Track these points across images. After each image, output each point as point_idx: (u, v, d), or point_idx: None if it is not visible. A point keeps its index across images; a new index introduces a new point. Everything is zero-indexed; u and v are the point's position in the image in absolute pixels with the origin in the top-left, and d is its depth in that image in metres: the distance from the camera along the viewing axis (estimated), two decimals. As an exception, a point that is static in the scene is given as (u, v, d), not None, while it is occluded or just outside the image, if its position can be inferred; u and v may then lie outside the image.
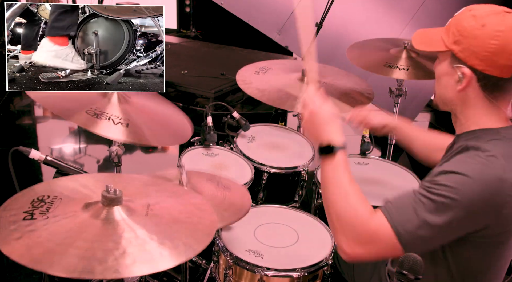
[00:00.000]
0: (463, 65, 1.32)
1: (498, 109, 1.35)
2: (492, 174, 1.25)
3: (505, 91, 1.33)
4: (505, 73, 1.28)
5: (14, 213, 1.27)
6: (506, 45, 1.26)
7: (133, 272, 1.12)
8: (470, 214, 1.25)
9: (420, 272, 1.13)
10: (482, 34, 1.27)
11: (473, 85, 1.33)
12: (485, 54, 1.27)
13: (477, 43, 1.28)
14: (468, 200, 1.24)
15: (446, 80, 1.38)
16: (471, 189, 1.24)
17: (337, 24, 3.87)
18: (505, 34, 1.26)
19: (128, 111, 1.82)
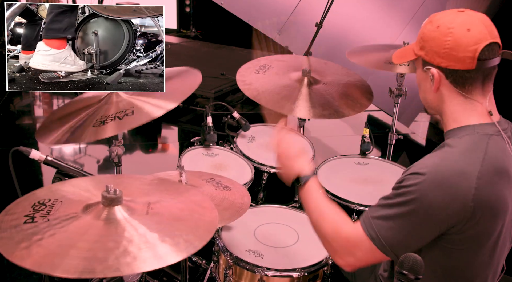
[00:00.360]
0: (431, 66, 1.42)
1: (475, 103, 1.41)
2: (448, 168, 1.31)
3: (476, 83, 1.39)
4: (468, 65, 1.36)
5: (15, 217, 1.27)
6: (459, 39, 1.35)
7: (134, 270, 1.12)
8: (431, 211, 1.30)
9: (420, 272, 1.13)
10: (438, 34, 1.38)
11: (444, 83, 1.41)
12: (444, 51, 1.37)
13: (435, 43, 1.39)
14: (424, 197, 1.30)
15: (424, 84, 1.48)
16: (426, 186, 1.30)
17: (337, 24, 3.87)
18: (456, 29, 1.35)
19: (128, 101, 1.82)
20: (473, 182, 1.30)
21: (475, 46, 1.34)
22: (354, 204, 2.10)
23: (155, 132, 4.38)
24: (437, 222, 1.32)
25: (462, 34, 1.35)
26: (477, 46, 1.34)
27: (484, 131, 1.38)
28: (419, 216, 1.31)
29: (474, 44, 1.34)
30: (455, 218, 1.31)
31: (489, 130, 1.39)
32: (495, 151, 1.36)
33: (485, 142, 1.36)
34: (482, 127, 1.39)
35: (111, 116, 1.75)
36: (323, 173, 2.35)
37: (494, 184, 1.32)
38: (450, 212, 1.30)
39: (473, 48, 1.34)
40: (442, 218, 1.31)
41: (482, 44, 1.34)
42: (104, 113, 1.77)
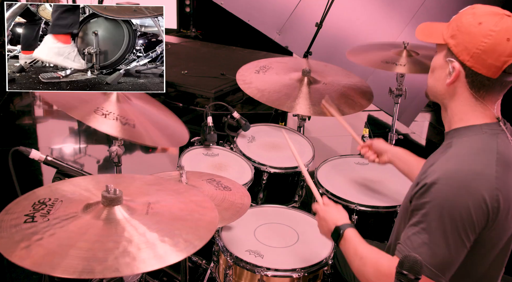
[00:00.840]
0: (454, 59, 1.37)
1: (485, 107, 1.39)
2: (463, 170, 1.31)
3: (492, 92, 1.37)
4: (491, 73, 1.32)
5: (15, 217, 1.27)
6: (496, 45, 1.30)
7: (133, 270, 1.12)
8: (462, 217, 1.28)
9: (420, 272, 1.13)
10: (477, 31, 1.32)
11: (461, 81, 1.38)
12: (476, 51, 1.32)
13: (470, 39, 1.32)
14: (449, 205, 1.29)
15: (439, 73, 1.43)
16: (446, 193, 1.29)
17: (337, 24, 3.87)
18: (498, 34, 1.30)
19: (126, 110, 1.83)
20: (494, 182, 1.29)
21: (507, 58, 1.30)
22: (354, 204, 2.10)
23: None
24: (470, 227, 1.29)
25: (501, 42, 1.30)
26: (509, 59, 1.30)
27: (491, 131, 1.38)
28: (452, 225, 1.28)
29: (507, 56, 1.30)
30: (484, 220, 1.30)
31: (495, 129, 1.39)
32: (505, 148, 1.36)
33: (495, 141, 1.36)
34: (488, 126, 1.39)
35: (114, 115, 1.76)
36: (323, 173, 2.35)
37: (509, 181, 1.33)
38: (478, 215, 1.29)
39: (504, 59, 1.30)
40: (472, 221, 1.29)
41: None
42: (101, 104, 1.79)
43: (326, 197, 1.78)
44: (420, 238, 1.32)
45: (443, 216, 1.29)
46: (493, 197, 1.29)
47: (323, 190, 2.22)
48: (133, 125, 1.78)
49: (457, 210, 1.28)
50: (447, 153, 1.39)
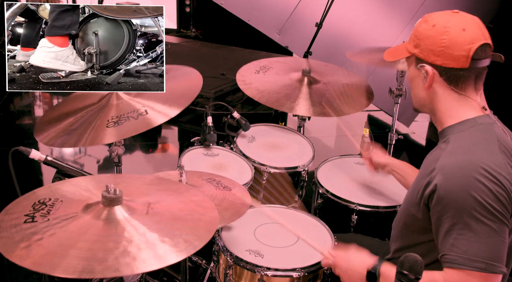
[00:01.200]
0: (425, 64, 1.45)
1: (468, 99, 1.45)
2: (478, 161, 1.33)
3: (469, 82, 1.43)
4: (462, 63, 1.39)
5: (15, 217, 1.27)
6: (455, 38, 1.38)
7: (133, 270, 1.12)
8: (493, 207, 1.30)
9: (421, 272, 1.13)
10: (434, 32, 1.42)
11: (438, 81, 1.45)
12: (440, 49, 1.40)
13: (431, 41, 1.42)
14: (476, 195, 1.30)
15: (416, 82, 1.51)
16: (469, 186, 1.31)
17: (337, 24, 3.87)
18: (452, 29, 1.39)
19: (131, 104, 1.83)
20: (505, 168, 1.33)
21: (470, 45, 1.37)
22: (354, 204, 2.10)
23: (155, 132, 4.38)
24: (501, 204, 1.31)
25: (458, 34, 1.39)
26: (472, 46, 1.37)
27: (485, 121, 1.43)
28: (487, 211, 1.30)
29: (469, 44, 1.38)
30: (508, 202, 1.32)
31: (488, 120, 1.44)
32: (501, 136, 1.41)
33: (493, 131, 1.41)
34: (482, 118, 1.44)
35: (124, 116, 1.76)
36: (323, 173, 2.35)
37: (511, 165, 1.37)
38: (501, 193, 1.31)
39: (467, 47, 1.38)
40: (500, 199, 1.31)
41: (477, 44, 1.38)
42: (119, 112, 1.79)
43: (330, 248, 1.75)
44: (464, 239, 1.32)
45: (471, 206, 1.30)
46: (509, 180, 1.33)
47: (323, 190, 2.22)
48: (145, 112, 1.77)
49: (479, 195, 1.30)
50: (448, 149, 1.41)
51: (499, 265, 1.32)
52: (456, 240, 1.33)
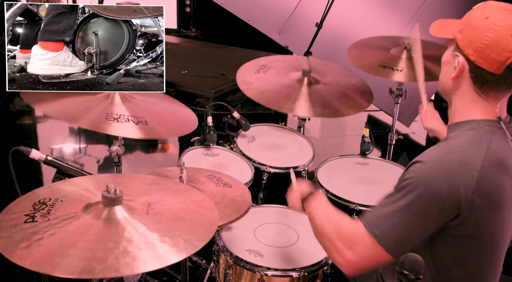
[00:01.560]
0: (460, 54, 1.37)
1: (486, 103, 1.38)
2: (450, 158, 1.30)
3: (495, 89, 1.36)
4: (494, 68, 1.32)
5: (16, 217, 1.27)
6: (500, 40, 1.29)
7: (133, 270, 1.12)
8: (432, 199, 1.28)
9: (421, 272, 1.13)
10: (483, 25, 1.32)
11: (466, 76, 1.37)
12: (480, 45, 1.31)
13: (475, 33, 1.33)
14: (424, 184, 1.28)
15: (447, 68, 1.44)
16: (426, 173, 1.30)
17: (337, 24, 3.87)
18: (502, 29, 1.29)
19: (133, 109, 1.85)
20: (475, 175, 1.29)
21: (510, 53, 1.29)
22: (354, 204, 2.10)
23: (155, 132, 4.37)
24: (438, 211, 1.29)
25: (504, 37, 1.29)
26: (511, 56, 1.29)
27: (488, 127, 1.37)
28: (421, 204, 1.29)
29: (511, 52, 1.29)
30: (454, 209, 1.29)
31: (493, 126, 1.38)
32: (498, 146, 1.35)
33: (489, 137, 1.35)
34: (487, 123, 1.38)
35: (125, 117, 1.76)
36: (323, 173, 2.35)
37: (495, 178, 1.32)
38: (449, 202, 1.28)
39: (507, 55, 1.29)
40: (442, 207, 1.29)
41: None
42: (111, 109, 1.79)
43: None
44: (388, 209, 1.33)
45: (416, 195, 1.29)
46: (470, 189, 1.28)
47: (323, 190, 2.22)
48: (145, 122, 1.78)
49: (430, 193, 1.28)
50: (441, 142, 1.40)
51: (395, 251, 1.31)
52: (384, 206, 1.36)
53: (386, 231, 1.31)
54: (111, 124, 1.72)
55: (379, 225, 1.33)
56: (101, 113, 1.75)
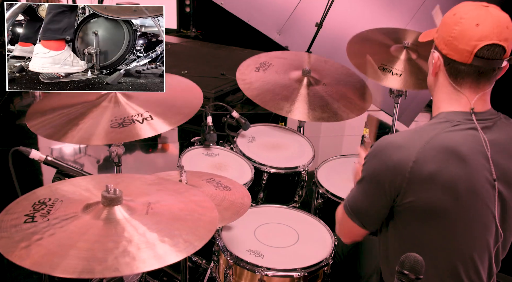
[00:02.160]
0: (436, 50, 1.47)
1: (461, 95, 1.44)
2: (389, 141, 1.43)
3: (468, 79, 1.42)
4: (464, 58, 1.38)
5: (16, 217, 1.27)
6: (466, 31, 1.37)
7: (133, 270, 1.12)
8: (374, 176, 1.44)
9: (421, 272, 1.13)
10: (451, 21, 1.42)
11: (442, 70, 1.46)
12: (449, 39, 1.40)
13: (445, 29, 1.43)
14: (369, 164, 1.46)
15: (429, 66, 1.53)
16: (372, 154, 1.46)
17: (337, 24, 3.86)
18: (467, 21, 1.38)
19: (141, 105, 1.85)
20: (412, 156, 1.36)
21: (477, 42, 1.36)
22: (354, 204, 2.10)
23: (155, 132, 4.37)
24: (381, 189, 1.42)
25: (469, 27, 1.37)
26: (479, 43, 1.35)
27: (451, 118, 1.43)
28: (368, 181, 1.46)
29: (477, 40, 1.36)
30: (394, 187, 1.39)
31: (457, 118, 1.42)
32: (454, 135, 1.39)
33: (444, 125, 1.41)
34: (453, 114, 1.44)
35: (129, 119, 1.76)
36: (323, 173, 2.34)
37: (436, 158, 1.36)
38: (388, 180, 1.40)
39: (473, 44, 1.36)
40: (382, 183, 1.41)
41: (484, 42, 1.35)
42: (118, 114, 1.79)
43: None
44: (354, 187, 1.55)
45: (365, 174, 1.47)
46: (406, 168, 1.37)
47: (323, 190, 2.22)
48: (150, 117, 1.79)
49: (372, 171, 1.44)
50: None
51: (355, 217, 1.52)
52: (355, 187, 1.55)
53: (348, 201, 1.54)
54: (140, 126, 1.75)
55: (348, 199, 1.55)
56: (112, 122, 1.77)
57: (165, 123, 1.79)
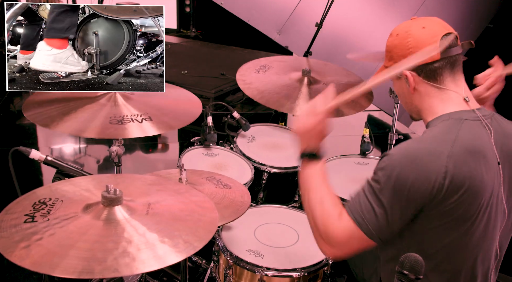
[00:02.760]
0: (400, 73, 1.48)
1: (449, 93, 1.46)
2: (416, 148, 1.38)
3: (445, 72, 1.45)
4: (433, 57, 1.42)
5: (16, 217, 1.27)
6: (419, 36, 1.43)
7: (132, 271, 1.12)
8: (401, 187, 1.34)
9: (421, 272, 1.13)
10: (399, 40, 1.47)
11: (418, 81, 1.47)
12: (409, 51, 1.44)
13: (399, 48, 1.47)
14: (393, 175, 1.35)
15: (402, 92, 1.54)
16: (394, 164, 1.36)
17: (337, 24, 3.86)
18: (413, 30, 1.45)
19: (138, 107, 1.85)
20: (444, 161, 1.33)
21: (434, 38, 1.42)
22: (354, 204, 2.10)
23: (155, 132, 4.37)
24: (412, 199, 1.34)
25: (420, 32, 1.44)
26: (436, 38, 1.42)
27: (458, 117, 1.43)
28: (393, 193, 1.35)
29: (433, 37, 1.42)
30: (427, 195, 1.34)
31: (464, 116, 1.43)
32: (468, 133, 1.40)
33: (458, 126, 1.41)
34: (457, 113, 1.44)
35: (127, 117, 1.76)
36: (323, 173, 2.34)
37: (467, 163, 1.35)
38: (422, 189, 1.33)
39: (432, 41, 1.41)
40: (412, 195, 1.34)
41: (440, 35, 1.42)
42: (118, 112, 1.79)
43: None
44: (366, 198, 1.39)
45: (389, 184, 1.35)
46: (440, 174, 1.33)
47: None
48: (149, 117, 1.79)
49: (398, 182, 1.34)
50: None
51: (375, 236, 1.37)
52: (363, 195, 1.40)
53: (366, 218, 1.37)
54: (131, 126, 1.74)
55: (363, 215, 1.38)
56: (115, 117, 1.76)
57: (155, 128, 1.79)
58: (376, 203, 1.37)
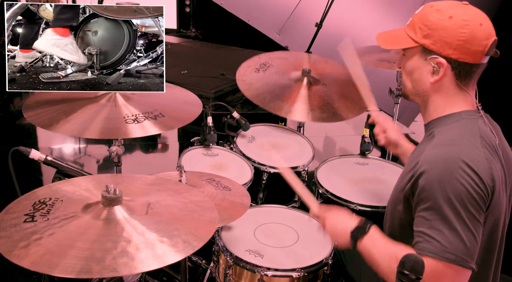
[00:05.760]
0: (437, 56, 1.40)
1: (466, 94, 1.44)
2: (453, 154, 1.33)
3: (473, 77, 1.43)
4: (477, 59, 1.38)
5: (15, 216, 1.27)
6: (474, 32, 1.35)
7: (131, 270, 1.12)
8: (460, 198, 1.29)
9: (422, 272, 1.13)
10: (452, 25, 1.36)
11: (448, 74, 1.41)
12: (458, 43, 1.36)
13: (448, 34, 1.37)
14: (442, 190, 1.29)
15: (419, 73, 1.46)
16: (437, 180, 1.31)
17: (337, 24, 3.87)
18: (472, 22, 1.36)
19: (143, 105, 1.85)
20: (486, 164, 1.33)
21: (486, 41, 1.36)
22: (354, 204, 2.10)
23: (155, 132, 4.37)
24: (476, 202, 1.30)
25: (477, 28, 1.35)
26: (488, 41, 1.36)
27: (470, 117, 1.43)
28: (463, 205, 1.29)
29: (486, 39, 1.36)
30: (485, 199, 1.32)
31: (474, 115, 1.44)
32: (484, 131, 1.41)
33: (476, 125, 1.41)
34: (467, 113, 1.44)
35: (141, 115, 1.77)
36: (323, 173, 2.34)
37: (494, 162, 1.37)
38: (477, 190, 1.30)
39: (484, 43, 1.36)
40: (476, 197, 1.30)
41: (491, 39, 1.37)
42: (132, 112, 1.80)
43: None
44: (439, 229, 1.30)
45: (450, 198, 1.29)
46: (489, 177, 1.32)
47: (323, 190, 2.22)
48: (161, 115, 1.79)
49: (458, 188, 1.29)
50: (432, 142, 1.42)
51: (469, 260, 1.30)
52: (431, 229, 1.31)
53: (449, 248, 1.29)
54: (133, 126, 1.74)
55: (449, 248, 1.29)
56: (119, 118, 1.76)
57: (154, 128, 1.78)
58: (452, 227, 1.29)
